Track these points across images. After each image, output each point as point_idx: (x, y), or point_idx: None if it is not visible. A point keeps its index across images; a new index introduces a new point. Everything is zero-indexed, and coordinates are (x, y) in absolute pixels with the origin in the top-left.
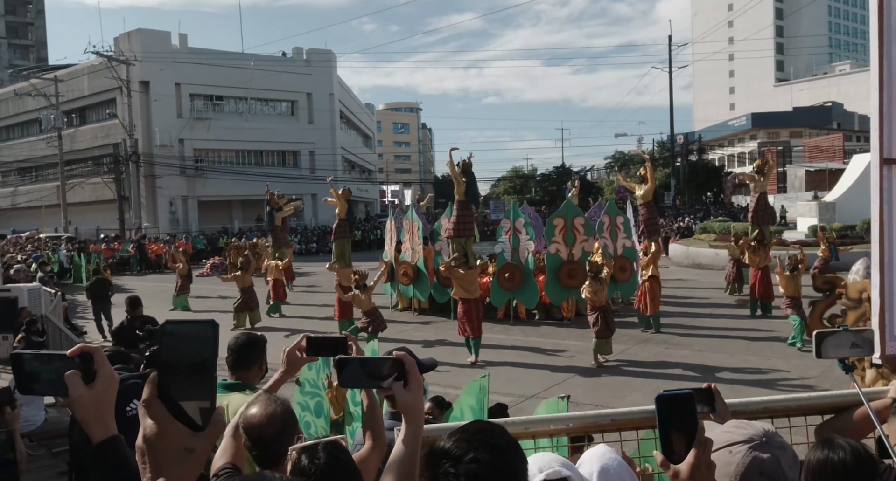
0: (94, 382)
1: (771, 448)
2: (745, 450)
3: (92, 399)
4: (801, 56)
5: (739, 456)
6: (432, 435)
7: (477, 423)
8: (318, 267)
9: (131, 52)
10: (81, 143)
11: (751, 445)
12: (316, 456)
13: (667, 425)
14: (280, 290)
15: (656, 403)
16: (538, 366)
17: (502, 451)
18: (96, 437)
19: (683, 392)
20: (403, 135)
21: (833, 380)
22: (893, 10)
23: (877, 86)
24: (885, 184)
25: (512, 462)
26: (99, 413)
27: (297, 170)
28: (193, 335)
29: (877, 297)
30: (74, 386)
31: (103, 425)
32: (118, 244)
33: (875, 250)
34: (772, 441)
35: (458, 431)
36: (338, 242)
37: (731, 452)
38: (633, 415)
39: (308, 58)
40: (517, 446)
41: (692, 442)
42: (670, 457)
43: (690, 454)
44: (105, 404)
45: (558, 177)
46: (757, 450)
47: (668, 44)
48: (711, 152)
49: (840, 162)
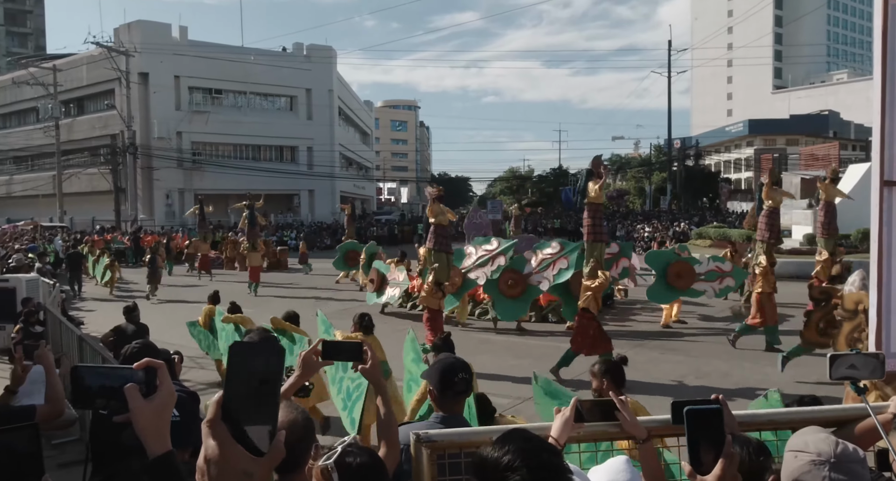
0: (155, 396)
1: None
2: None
3: (152, 413)
4: (799, 64)
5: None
6: (474, 438)
7: (520, 432)
8: (313, 262)
9: (131, 43)
10: (79, 134)
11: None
12: (357, 455)
13: (695, 437)
14: (255, 274)
15: (686, 417)
16: (535, 368)
17: (555, 456)
18: (154, 451)
19: (712, 407)
20: (401, 132)
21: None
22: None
23: (878, 109)
24: (885, 205)
25: (563, 466)
26: (158, 427)
27: (295, 165)
28: (259, 357)
29: (874, 315)
30: (134, 400)
31: (161, 439)
32: (110, 236)
33: (873, 270)
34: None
35: (504, 440)
36: (437, 255)
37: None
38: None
39: (308, 53)
40: (560, 452)
41: (719, 455)
42: (698, 469)
43: (717, 466)
44: (164, 419)
45: (555, 178)
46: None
47: (667, 48)
48: (708, 157)
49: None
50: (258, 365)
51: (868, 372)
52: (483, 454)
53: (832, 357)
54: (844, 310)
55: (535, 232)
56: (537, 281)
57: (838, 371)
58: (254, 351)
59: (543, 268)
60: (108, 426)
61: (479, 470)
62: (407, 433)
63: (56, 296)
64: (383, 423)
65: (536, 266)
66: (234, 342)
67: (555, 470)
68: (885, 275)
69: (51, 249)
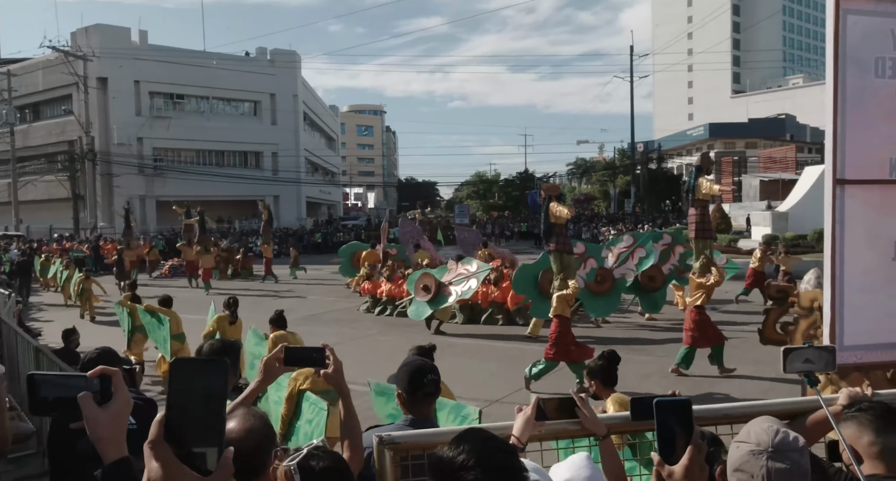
0: (110, 403)
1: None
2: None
3: (108, 419)
4: (756, 69)
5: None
6: (437, 440)
7: (477, 431)
8: (279, 269)
9: (89, 48)
10: (35, 140)
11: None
12: (321, 459)
13: (665, 428)
14: (206, 274)
15: (655, 408)
16: (502, 371)
17: (512, 456)
18: (109, 457)
19: (681, 399)
20: (367, 137)
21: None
22: (848, 38)
23: (831, 110)
24: (838, 203)
25: (519, 467)
26: (114, 433)
27: (260, 171)
28: (203, 374)
29: (828, 310)
30: (88, 408)
31: (117, 445)
32: (68, 244)
33: (827, 266)
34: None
35: (460, 440)
36: (556, 255)
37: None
38: (604, 422)
39: (272, 58)
40: (516, 452)
41: (687, 445)
42: (667, 459)
43: (686, 455)
44: (120, 425)
45: (521, 182)
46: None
47: (630, 53)
48: (670, 161)
49: (793, 173)
50: (201, 383)
51: (822, 364)
52: (439, 453)
53: (786, 350)
54: (800, 307)
55: (503, 236)
56: (621, 274)
57: (794, 364)
58: (196, 367)
59: (623, 262)
60: (66, 435)
61: (435, 469)
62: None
63: (12, 307)
64: (346, 427)
65: (615, 261)
66: (176, 358)
67: (510, 471)
68: (839, 271)
69: (6, 258)
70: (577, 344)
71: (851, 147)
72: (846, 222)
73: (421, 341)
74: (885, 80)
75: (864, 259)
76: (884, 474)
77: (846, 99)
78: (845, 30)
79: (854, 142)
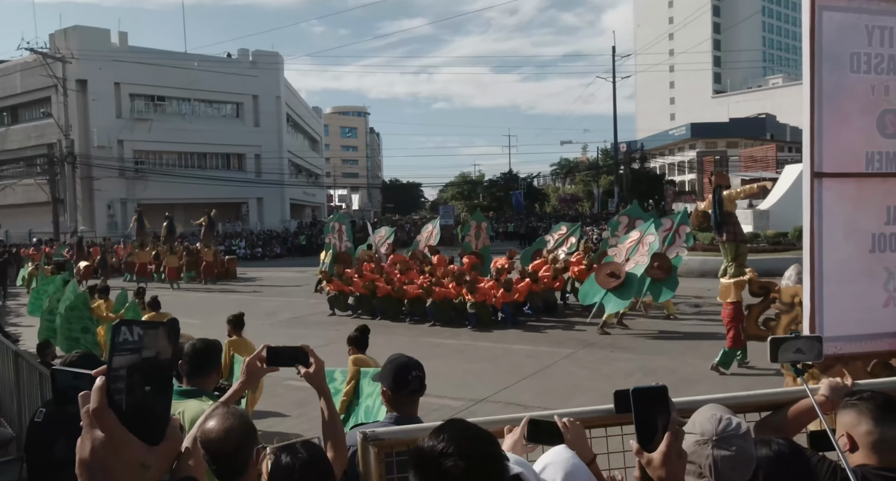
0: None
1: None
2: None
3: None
4: (737, 69)
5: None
6: (413, 437)
7: (456, 422)
8: (263, 271)
9: (68, 50)
10: (13, 143)
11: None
12: (297, 454)
13: (642, 416)
14: (173, 273)
15: (632, 396)
16: (487, 371)
17: (491, 444)
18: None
19: (658, 386)
20: (351, 139)
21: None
22: (824, 34)
23: (808, 105)
24: (816, 196)
25: (499, 454)
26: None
27: (243, 173)
28: (148, 337)
29: (807, 303)
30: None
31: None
32: (48, 249)
33: (806, 258)
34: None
35: (440, 430)
36: (730, 245)
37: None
38: (587, 415)
39: (254, 59)
40: (496, 441)
41: (665, 432)
42: (645, 447)
43: (664, 442)
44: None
45: (505, 183)
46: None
47: (612, 54)
48: (653, 160)
49: (773, 171)
50: (146, 346)
51: (813, 354)
52: (420, 444)
53: (774, 341)
54: (782, 303)
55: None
56: (674, 253)
57: (785, 355)
58: (140, 330)
59: (670, 243)
60: (43, 440)
61: (416, 459)
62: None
63: None
64: (328, 425)
65: (625, 255)
66: (119, 320)
67: (490, 457)
68: (818, 264)
69: None
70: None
71: (828, 141)
72: (824, 215)
73: (408, 343)
74: (860, 74)
75: (842, 251)
76: (875, 465)
77: (823, 94)
78: (821, 26)
79: (831, 136)
